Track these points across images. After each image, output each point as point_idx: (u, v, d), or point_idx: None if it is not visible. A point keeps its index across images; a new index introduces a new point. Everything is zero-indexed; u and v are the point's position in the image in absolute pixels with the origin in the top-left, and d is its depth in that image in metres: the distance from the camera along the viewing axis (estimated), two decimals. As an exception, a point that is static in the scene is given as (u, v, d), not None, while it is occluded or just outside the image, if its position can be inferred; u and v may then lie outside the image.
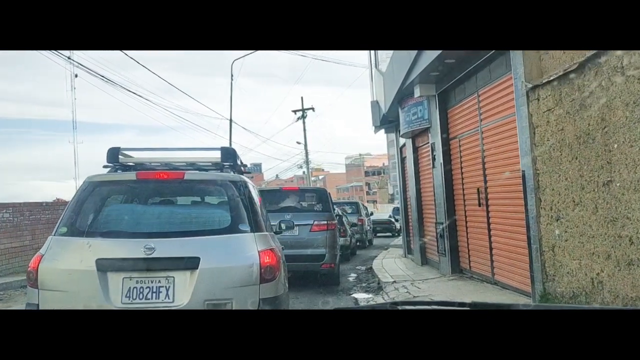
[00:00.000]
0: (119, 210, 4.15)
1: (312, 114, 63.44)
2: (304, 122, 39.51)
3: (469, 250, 8.27)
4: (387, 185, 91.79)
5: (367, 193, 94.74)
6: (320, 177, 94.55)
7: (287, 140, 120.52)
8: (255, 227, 3.86)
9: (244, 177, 4.34)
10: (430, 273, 9.58)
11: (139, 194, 4.30)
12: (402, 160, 13.11)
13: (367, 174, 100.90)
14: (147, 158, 4.64)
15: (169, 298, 3.51)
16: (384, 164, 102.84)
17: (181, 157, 4.77)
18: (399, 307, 1.70)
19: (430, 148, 9.37)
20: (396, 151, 13.56)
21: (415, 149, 10.86)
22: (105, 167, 4.42)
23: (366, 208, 22.45)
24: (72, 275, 3.56)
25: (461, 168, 8.32)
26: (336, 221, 9.52)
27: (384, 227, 24.39)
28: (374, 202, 74.64)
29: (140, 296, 3.50)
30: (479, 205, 7.54)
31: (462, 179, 8.30)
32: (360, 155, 79.24)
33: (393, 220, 24.30)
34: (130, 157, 4.56)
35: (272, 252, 3.81)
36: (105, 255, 3.56)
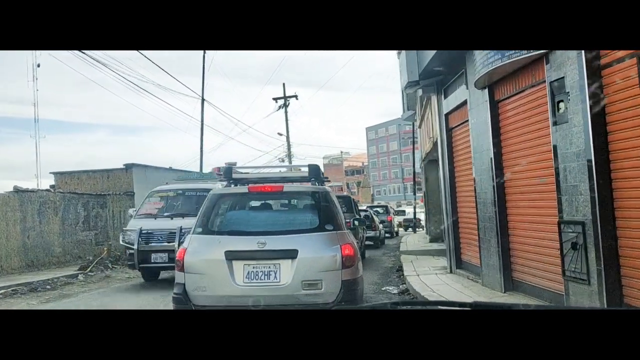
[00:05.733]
0: (237, 215, 5.40)
1: (293, 111, 59.28)
2: (285, 112, 35.40)
3: (659, 276, 4.22)
4: (369, 184, 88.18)
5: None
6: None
7: (266, 134, 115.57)
8: (337, 227, 4.97)
9: (327, 188, 5.48)
10: (542, 309, 5.51)
11: (250, 202, 5.60)
12: (450, 131, 9.04)
13: (346, 173, 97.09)
14: (252, 174, 6.10)
15: (276, 279, 4.66)
16: (363, 163, 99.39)
17: (278, 173, 6.64)
18: (400, 307, 1.70)
19: (548, 91, 5.30)
20: (438, 121, 9.47)
21: (495, 105, 6.79)
22: (221, 181, 6.51)
23: (393, 208, 30.75)
24: (208, 263, 4.79)
25: (645, 115, 4.27)
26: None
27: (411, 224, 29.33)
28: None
29: (256, 278, 4.67)
30: None
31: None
32: (341, 152, 75.31)
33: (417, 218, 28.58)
34: (244, 172, 6.01)
35: (350, 245, 4.85)
36: (231, 248, 4.75)
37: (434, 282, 8.23)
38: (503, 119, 6.71)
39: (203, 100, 21.40)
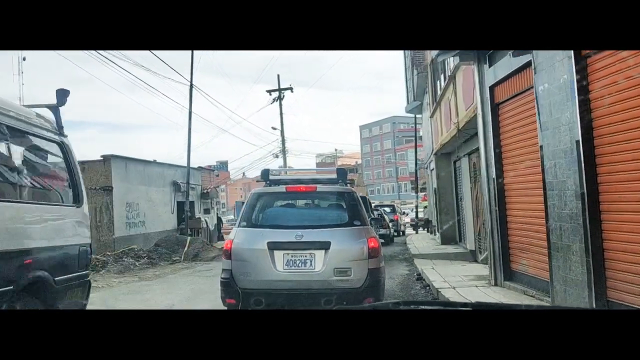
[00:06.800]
0: (277, 211, 6.07)
1: (287, 105, 57.98)
2: (280, 105, 33.60)
3: None
4: (363, 183, 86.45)
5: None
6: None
7: (260, 127, 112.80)
8: (363, 223, 5.63)
9: (353, 189, 6.32)
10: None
11: (288, 200, 6.40)
12: (496, 107, 7.22)
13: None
14: (285, 175, 7.25)
15: (312, 266, 5.27)
16: (356, 162, 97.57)
17: (309, 175, 7.48)
18: (402, 307, 1.68)
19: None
20: (479, 96, 7.64)
21: (582, 61, 4.96)
22: (258, 182, 7.01)
23: (400, 208, 32.26)
24: (252, 252, 5.40)
25: None
26: None
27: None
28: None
29: (294, 265, 5.29)
30: None
31: None
32: (335, 150, 73.59)
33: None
34: (277, 175, 6.77)
35: (375, 239, 5.55)
36: (272, 240, 5.38)
37: (481, 298, 6.42)
38: (595, 80, 4.88)
39: (191, 86, 19.45)
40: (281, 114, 33.50)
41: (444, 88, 12.57)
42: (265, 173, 6.34)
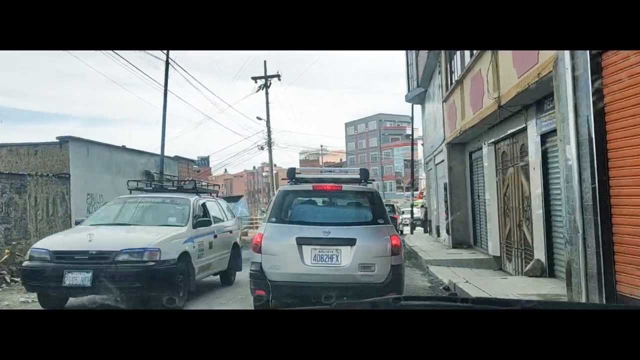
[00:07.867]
0: (304, 208, 6.42)
1: (273, 95, 55.40)
2: (266, 93, 31.31)
3: None
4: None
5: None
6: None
7: (245, 121, 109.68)
8: (386, 221, 6.05)
9: (375, 189, 7.01)
10: None
11: (315, 198, 6.71)
12: (597, 60, 4.98)
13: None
14: (310, 175, 6.98)
15: (338, 261, 5.62)
16: (341, 160, 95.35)
17: (333, 174, 7.23)
18: (402, 303, 1.65)
19: None
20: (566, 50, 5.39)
21: None
22: (283, 179, 7.34)
23: (399, 208, 32.49)
24: (281, 246, 5.76)
25: None
26: None
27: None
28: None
29: (321, 260, 5.62)
30: None
31: None
32: (321, 146, 71.31)
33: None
34: (300, 174, 6.81)
35: (397, 237, 6.00)
36: (301, 235, 5.70)
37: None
38: None
39: (168, 62, 16.92)
40: (267, 102, 31.17)
41: (472, 60, 10.34)
42: (292, 172, 6.69)
